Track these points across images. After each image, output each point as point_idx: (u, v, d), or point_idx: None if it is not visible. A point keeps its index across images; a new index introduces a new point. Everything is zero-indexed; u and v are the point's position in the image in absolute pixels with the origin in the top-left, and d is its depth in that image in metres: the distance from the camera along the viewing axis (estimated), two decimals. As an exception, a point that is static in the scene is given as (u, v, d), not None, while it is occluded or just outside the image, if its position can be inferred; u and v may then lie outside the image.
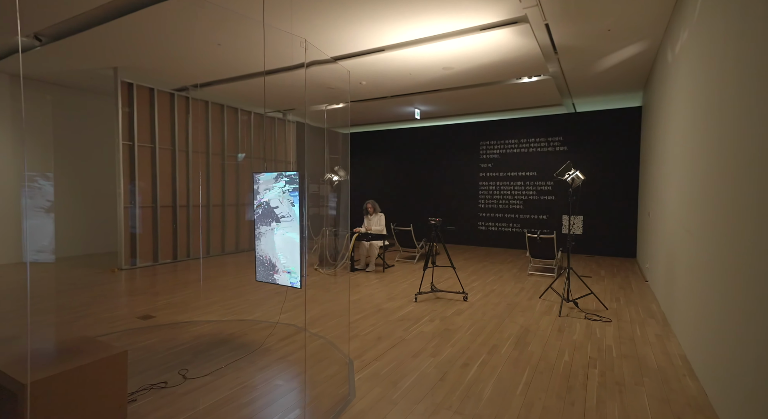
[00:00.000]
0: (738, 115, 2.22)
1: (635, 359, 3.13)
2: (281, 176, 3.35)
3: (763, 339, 1.77)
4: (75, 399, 2.03)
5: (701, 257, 2.90)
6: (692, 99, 3.37)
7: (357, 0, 4.15)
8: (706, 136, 2.90)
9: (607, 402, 2.48)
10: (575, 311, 4.35)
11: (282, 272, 3.37)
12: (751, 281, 1.93)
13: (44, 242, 6.54)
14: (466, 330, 3.77)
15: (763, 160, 1.84)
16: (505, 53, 5.71)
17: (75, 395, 2.02)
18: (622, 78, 6.98)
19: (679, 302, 3.64)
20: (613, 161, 8.31)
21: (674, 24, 4.44)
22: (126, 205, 6.47)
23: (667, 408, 2.43)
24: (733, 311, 2.18)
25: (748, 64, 2.09)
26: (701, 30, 3.16)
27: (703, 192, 2.92)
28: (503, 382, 2.73)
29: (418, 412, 2.35)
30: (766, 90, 1.83)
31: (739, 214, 2.14)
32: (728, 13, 2.47)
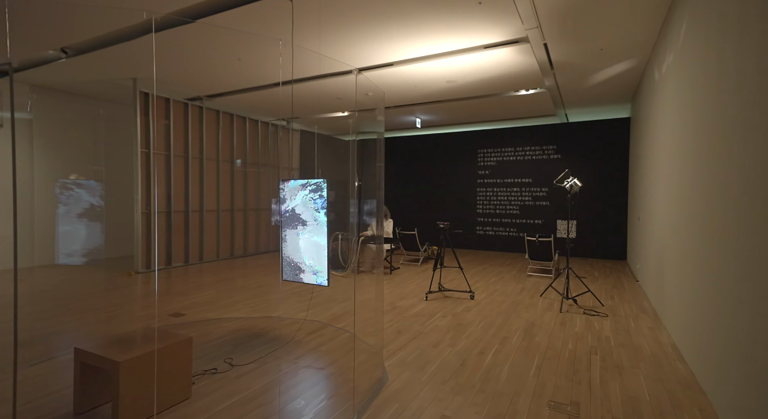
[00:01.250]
0: (720, 129, 2.62)
1: (631, 347, 3.50)
2: (308, 184, 3.68)
3: (742, 327, 2.14)
4: (155, 375, 2.32)
5: (688, 257, 3.29)
6: (679, 114, 3.78)
7: (373, 21, 4.51)
8: (692, 147, 3.31)
9: (609, 382, 2.84)
10: (574, 307, 4.73)
11: (308, 273, 3.70)
12: (733, 277, 2.31)
13: (75, 246, 6.74)
14: (477, 324, 4.11)
15: (742, 168, 2.23)
16: (506, 68, 6.13)
17: (151, 372, 2.31)
18: (611, 91, 7.46)
19: (668, 298, 4.04)
20: (603, 169, 8.78)
21: (660, 45, 4.89)
22: (143, 210, 6.71)
23: (661, 385, 2.79)
24: (717, 304, 2.56)
25: (727, 83, 2.49)
26: (686, 54, 3.58)
27: (689, 197, 3.32)
28: (517, 367, 3.08)
29: (446, 390, 2.68)
30: (743, 106, 2.23)
31: (721, 218, 2.53)
32: (709, 40, 2.88)
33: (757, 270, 1.95)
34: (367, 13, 4.30)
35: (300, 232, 3.75)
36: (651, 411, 2.45)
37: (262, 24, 4.57)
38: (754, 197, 2.00)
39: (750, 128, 2.08)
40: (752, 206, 2.02)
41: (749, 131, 2.09)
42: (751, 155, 2.06)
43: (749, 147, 2.09)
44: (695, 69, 3.23)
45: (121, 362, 2.16)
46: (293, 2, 4.02)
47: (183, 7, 4.24)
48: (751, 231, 2.02)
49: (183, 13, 4.38)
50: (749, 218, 2.06)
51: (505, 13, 4.31)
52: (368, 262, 6.99)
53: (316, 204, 3.68)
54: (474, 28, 4.71)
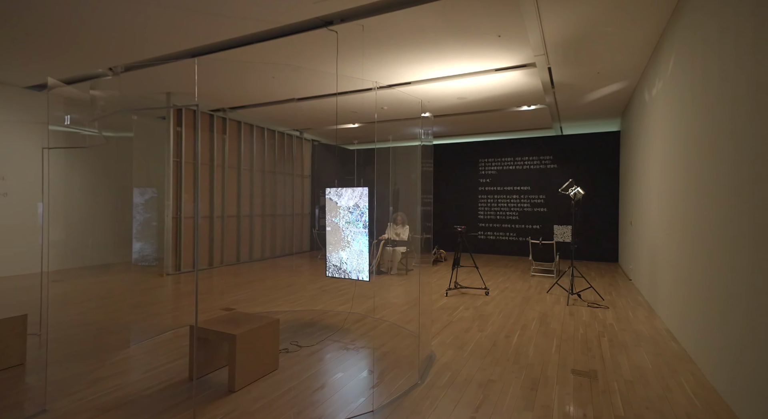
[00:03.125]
0: (706, 145, 3.26)
1: (632, 331, 4.11)
2: (351, 191, 4.24)
3: (725, 311, 2.76)
4: (255, 348, 2.82)
5: (679, 255, 3.92)
6: (670, 132, 4.45)
7: (408, 47, 5.10)
8: (681, 161, 3.96)
9: (617, 356, 3.43)
10: (579, 301, 5.34)
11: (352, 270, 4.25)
12: (717, 272, 2.93)
13: (109, 249, 7.13)
14: (497, 315, 4.69)
15: (725, 179, 2.86)
16: (512, 88, 6.79)
17: (255, 345, 2.82)
18: (603, 108, 8.20)
19: (661, 292, 4.67)
20: (595, 177, 9.51)
21: (650, 71, 5.59)
22: (174, 215, 7.14)
23: (660, 358, 3.39)
24: (704, 293, 3.18)
25: (711, 108, 3.13)
26: (674, 81, 4.25)
27: (681, 203, 3.97)
28: (540, 346, 3.65)
29: (486, 363, 3.24)
30: (724, 127, 2.86)
31: (709, 220, 3.16)
32: (695, 71, 3.54)
33: (738, 264, 2.57)
34: (404, 41, 4.90)
35: (344, 234, 4.30)
36: (654, 375, 3.04)
37: (305, 46, 5.12)
38: (736, 201, 2.62)
39: (730, 145, 2.72)
40: (734, 210, 2.65)
41: (730, 147, 2.72)
42: (732, 169, 2.69)
43: (730, 162, 2.72)
44: (683, 94, 3.89)
45: (237, 334, 2.66)
46: (338, 33, 4.60)
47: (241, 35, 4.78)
48: (733, 231, 2.64)
49: (238, 40, 4.92)
50: (732, 219, 2.68)
51: (518, 43, 4.96)
52: (386, 264, 7.52)
53: (356, 212, 4.24)
54: (490, 55, 5.35)
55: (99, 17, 4.37)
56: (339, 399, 2.62)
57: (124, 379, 2.88)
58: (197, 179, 7.17)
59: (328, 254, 4.35)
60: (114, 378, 2.89)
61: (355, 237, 4.16)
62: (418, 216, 5.72)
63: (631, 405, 2.57)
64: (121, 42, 5.00)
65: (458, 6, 4.03)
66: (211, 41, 4.99)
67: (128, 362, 3.20)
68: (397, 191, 7.80)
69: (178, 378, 2.89)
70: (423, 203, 7.85)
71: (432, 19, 4.33)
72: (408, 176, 8.84)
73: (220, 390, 2.72)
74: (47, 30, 4.69)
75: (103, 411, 2.44)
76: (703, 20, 3.32)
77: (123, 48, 5.19)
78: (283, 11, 4.20)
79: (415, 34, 4.68)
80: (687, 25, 3.76)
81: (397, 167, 9.26)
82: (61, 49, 5.26)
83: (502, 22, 4.39)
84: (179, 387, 2.76)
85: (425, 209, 9.15)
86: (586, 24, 4.51)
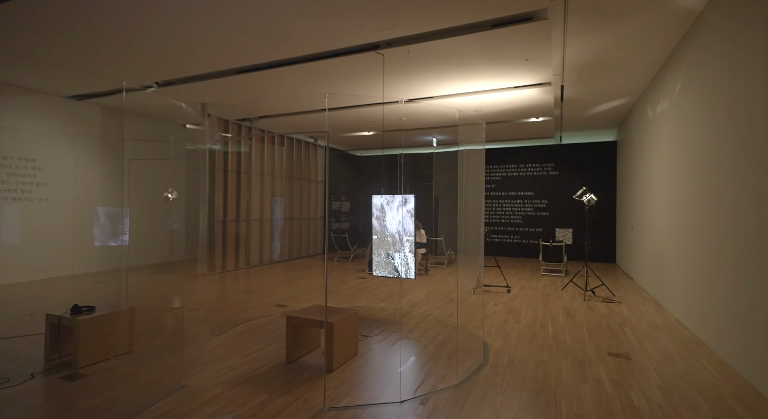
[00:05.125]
0: (711, 158, 3.85)
1: (648, 322, 4.69)
2: (396, 197, 4.73)
3: (730, 301, 3.33)
4: (344, 335, 3.27)
5: (688, 254, 4.52)
6: (677, 147, 5.06)
7: (444, 67, 5.61)
8: (690, 172, 4.57)
9: (642, 342, 3.99)
10: (593, 297, 5.92)
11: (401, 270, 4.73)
12: (724, 267, 3.51)
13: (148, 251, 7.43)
14: (525, 309, 5.22)
15: (730, 189, 3.44)
16: (525, 102, 7.38)
17: (344, 332, 3.27)
18: (603, 120, 8.89)
19: (668, 287, 5.28)
20: (594, 183, 10.18)
21: (653, 90, 6.24)
22: (208, 218, 7.49)
23: (678, 343, 3.96)
24: (713, 285, 3.76)
25: (718, 128, 3.73)
26: (681, 104, 4.88)
27: (689, 209, 4.57)
28: (574, 334, 4.19)
29: (533, 348, 3.75)
30: (729, 145, 3.45)
31: (714, 221, 3.75)
32: (704, 96, 4.14)
33: (739, 262, 3.15)
34: (444, 63, 5.42)
35: (391, 236, 4.79)
36: (677, 356, 3.60)
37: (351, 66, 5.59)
38: (737, 208, 3.21)
39: (732, 162, 3.30)
40: (736, 215, 3.23)
41: (732, 164, 3.31)
42: (734, 181, 3.27)
43: (733, 176, 3.30)
44: (691, 114, 4.51)
45: (335, 322, 3.12)
46: (384, 55, 5.09)
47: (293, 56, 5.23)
48: (735, 234, 3.22)
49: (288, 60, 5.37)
50: (734, 224, 3.26)
51: (542, 65, 5.53)
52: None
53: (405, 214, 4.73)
54: (514, 75, 5.91)
55: (161, 37, 4.77)
56: (423, 376, 3.09)
57: (229, 363, 3.29)
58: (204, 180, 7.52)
59: (375, 255, 4.82)
60: (221, 362, 3.30)
61: (403, 240, 4.64)
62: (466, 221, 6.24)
63: (666, 378, 3.12)
64: (179, 58, 5.38)
65: (498, 36, 4.57)
66: (263, 61, 5.42)
67: (222, 350, 3.61)
68: (437, 197, 8.32)
69: (276, 361, 3.31)
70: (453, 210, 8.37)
71: (471, 46, 4.86)
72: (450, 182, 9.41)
73: (318, 370, 3.16)
74: (115, 49, 5.05)
75: (233, 385, 2.86)
76: (713, 52, 3.92)
77: (180, 64, 5.58)
78: (340, 37, 4.67)
79: (453, 58, 5.20)
80: (695, 56, 4.38)
81: (438, 172, 9.87)
82: (119, 65, 5.61)
83: (531, 48, 4.95)
84: (281, 367, 3.19)
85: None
86: (603, 50, 5.11)
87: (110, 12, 4.14)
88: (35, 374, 3.00)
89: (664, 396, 2.81)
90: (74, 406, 2.55)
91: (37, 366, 3.16)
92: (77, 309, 3.31)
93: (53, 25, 4.44)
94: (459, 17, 4.18)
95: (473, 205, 6.19)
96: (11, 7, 4.08)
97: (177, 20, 4.30)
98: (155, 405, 2.57)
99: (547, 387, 2.93)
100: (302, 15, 4.10)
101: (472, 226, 11.38)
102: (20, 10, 4.13)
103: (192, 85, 6.47)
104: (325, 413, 2.51)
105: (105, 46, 4.96)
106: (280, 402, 2.64)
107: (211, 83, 6.43)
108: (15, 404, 2.58)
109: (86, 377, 2.99)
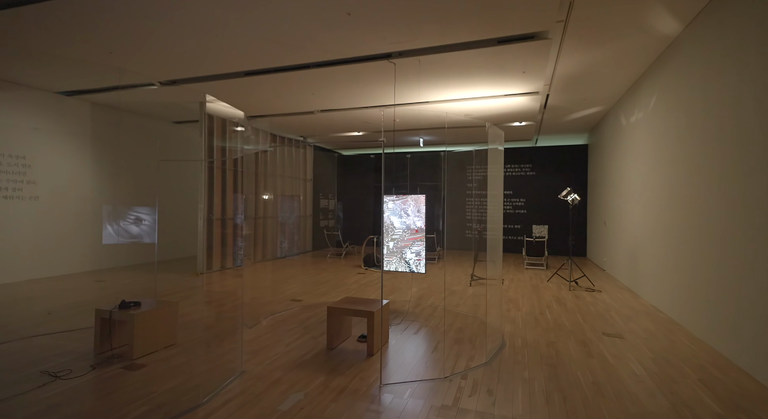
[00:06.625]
0: (683, 166, 4.49)
1: (628, 307, 5.33)
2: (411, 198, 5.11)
3: (702, 287, 3.96)
4: (384, 322, 3.62)
5: (661, 247, 5.18)
6: (652, 152, 5.73)
7: (446, 76, 6.02)
8: (664, 175, 5.22)
9: (629, 323, 4.58)
10: (577, 287, 6.55)
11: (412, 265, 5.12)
12: (694, 258, 4.14)
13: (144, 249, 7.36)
14: (521, 299, 5.75)
15: (697, 188, 4.06)
16: (512, 108, 7.94)
17: (384, 320, 3.62)
18: (577, 125, 9.65)
19: (642, 278, 5.97)
20: (567, 183, 10.96)
21: (626, 100, 6.95)
22: (207, 217, 7.55)
23: (658, 324, 4.58)
24: (684, 274, 4.40)
25: (689, 139, 4.35)
26: (656, 115, 5.54)
27: (663, 208, 5.23)
28: (570, 319, 4.73)
29: (540, 331, 4.24)
30: (698, 154, 4.07)
31: (687, 218, 4.38)
32: (679, 110, 4.79)
33: (707, 255, 3.76)
34: (450, 73, 5.83)
35: (400, 235, 5.16)
36: (659, 334, 4.20)
37: (362, 72, 5.89)
38: (706, 207, 3.82)
39: (702, 165, 3.92)
40: (704, 214, 3.84)
41: (702, 167, 3.93)
42: (702, 183, 3.89)
43: (702, 178, 3.92)
44: (664, 125, 5.16)
45: (374, 311, 3.46)
46: (395, 64, 5.44)
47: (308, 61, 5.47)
48: (703, 230, 3.84)
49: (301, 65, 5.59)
50: (703, 221, 3.88)
51: (535, 77, 6.06)
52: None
53: (416, 215, 5.12)
54: (509, 85, 6.42)
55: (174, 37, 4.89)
56: (454, 357, 3.49)
57: (275, 351, 3.56)
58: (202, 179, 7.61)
59: (386, 251, 5.18)
60: (267, 350, 3.56)
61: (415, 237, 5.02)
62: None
63: (655, 352, 3.68)
64: (191, 58, 5.49)
65: (502, 51, 5.02)
66: (278, 64, 5.62)
67: (262, 340, 3.85)
68: (444, 197, 8.72)
69: (317, 349, 3.61)
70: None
71: (476, 59, 5.29)
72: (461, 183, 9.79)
73: (358, 355, 3.49)
74: (129, 49, 5.10)
75: (289, 370, 3.14)
76: (687, 73, 4.55)
77: (191, 64, 5.67)
78: (359, 46, 4.97)
79: (459, 68, 5.62)
80: (671, 74, 5.02)
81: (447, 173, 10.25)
82: (132, 64, 5.62)
83: (529, 62, 5.45)
84: (324, 354, 3.50)
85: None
86: (589, 65, 5.70)
87: (126, 14, 4.24)
88: (94, 366, 3.15)
89: (657, 366, 3.36)
90: (152, 390, 2.76)
91: (89, 359, 3.29)
92: (125, 304, 3.46)
93: (71, 25, 4.46)
94: (472, 34, 4.59)
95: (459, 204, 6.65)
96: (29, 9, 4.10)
97: (192, 22, 4.45)
98: (227, 388, 2.82)
99: (561, 362, 3.41)
100: (330, 26, 4.37)
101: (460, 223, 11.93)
102: (36, 10, 4.16)
103: (193, 85, 6.54)
104: (383, 387, 2.86)
105: (118, 45, 5.01)
106: (338, 381, 2.96)
107: (215, 84, 6.53)
108: (93, 391, 2.75)
109: (146, 366, 3.17)
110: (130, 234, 4.96)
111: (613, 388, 2.93)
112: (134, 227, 6.04)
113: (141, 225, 5.74)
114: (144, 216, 5.10)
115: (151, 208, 5.35)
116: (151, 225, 5.21)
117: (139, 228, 5.01)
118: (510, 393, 2.83)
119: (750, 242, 3.29)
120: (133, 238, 5.13)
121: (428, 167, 12.35)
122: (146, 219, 5.23)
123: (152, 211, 5.29)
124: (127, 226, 5.75)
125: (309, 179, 11.37)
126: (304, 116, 8.48)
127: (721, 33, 3.84)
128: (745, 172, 3.37)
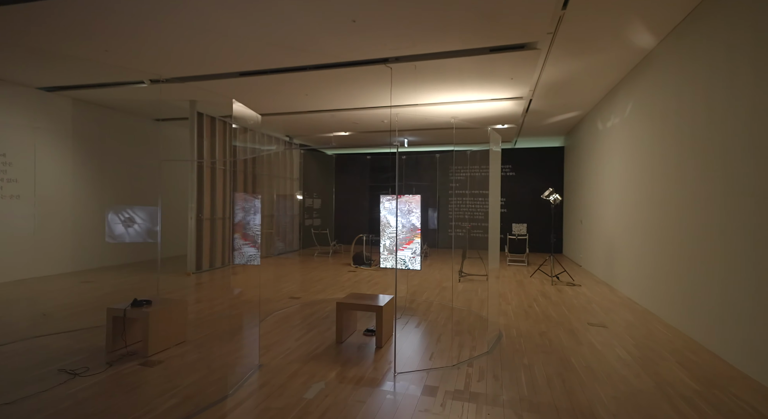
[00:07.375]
0: (659, 169, 4.89)
1: (607, 299, 5.73)
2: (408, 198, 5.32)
3: (674, 281, 4.35)
4: (386, 318, 3.81)
5: (635, 244, 5.61)
6: (628, 155, 6.16)
7: (441, 82, 6.26)
8: (640, 177, 5.64)
9: (610, 314, 4.95)
10: (558, 282, 6.94)
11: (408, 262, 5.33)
12: (667, 255, 4.54)
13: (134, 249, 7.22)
14: (509, 294, 6.06)
15: (671, 189, 4.46)
16: (497, 111, 8.29)
17: (386, 315, 3.81)
18: (555, 128, 10.13)
19: (619, 272, 6.41)
20: (544, 183, 11.47)
21: (603, 106, 7.40)
22: (197, 217, 7.52)
23: (636, 314, 4.98)
24: (658, 268, 4.80)
25: (664, 144, 4.76)
26: (632, 121, 5.97)
27: (638, 207, 5.65)
28: (559, 312, 5.07)
29: (530, 322, 4.54)
30: (674, 158, 4.47)
31: (662, 217, 4.79)
32: (653, 117, 5.20)
33: (682, 248, 4.15)
34: (444, 77, 6.06)
35: (395, 232, 5.36)
36: (638, 324, 4.58)
37: (359, 75, 6.05)
38: (678, 207, 4.22)
39: (676, 168, 4.31)
40: (678, 212, 4.24)
41: (676, 169, 4.32)
42: (676, 183, 4.29)
43: (675, 180, 4.31)
44: (640, 131, 5.59)
45: (383, 306, 3.64)
46: (392, 68, 5.63)
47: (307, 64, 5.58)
48: (677, 227, 4.24)
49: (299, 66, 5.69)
50: (677, 217, 4.28)
51: (522, 84, 6.38)
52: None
53: (413, 214, 5.34)
54: (496, 90, 6.73)
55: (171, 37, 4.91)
56: (457, 347, 3.73)
57: (286, 345, 3.69)
58: (192, 178, 7.60)
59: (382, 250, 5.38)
60: (278, 345, 3.68)
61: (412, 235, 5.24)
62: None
63: (636, 339, 4.04)
64: (189, 58, 5.50)
65: (493, 59, 5.30)
66: (276, 66, 5.70)
67: (271, 336, 3.96)
68: (438, 198, 8.96)
69: (327, 343, 3.77)
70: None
71: (468, 65, 5.55)
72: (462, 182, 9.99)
73: (368, 347, 3.67)
74: (126, 48, 5.07)
75: (304, 362, 3.29)
76: (662, 82, 4.96)
77: (189, 64, 5.67)
78: (358, 51, 5.12)
79: (451, 73, 5.87)
80: (646, 83, 5.44)
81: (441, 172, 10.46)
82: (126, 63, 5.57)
83: (518, 70, 5.76)
84: (335, 347, 3.66)
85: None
86: (571, 73, 6.07)
87: (126, 14, 4.25)
88: (111, 363, 3.20)
89: (639, 351, 3.70)
90: (176, 384, 2.85)
91: (102, 357, 3.33)
92: (137, 303, 3.51)
93: (71, 24, 4.42)
94: (468, 42, 4.83)
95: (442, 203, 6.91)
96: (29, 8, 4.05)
97: (192, 22, 4.50)
98: (249, 380, 2.94)
99: (555, 350, 3.70)
100: (334, 31, 4.52)
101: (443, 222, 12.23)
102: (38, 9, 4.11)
103: (184, 85, 6.52)
104: (398, 376, 3.05)
105: (116, 45, 4.97)
106: (354, 371, 3.13)
107: (207, 84, 6.53)
108: (118, 386, 2.81)
109: (162, 363, 3.24)
110: (130, 234, 4.93)
111: (603, 371, 3.23)
112: (134, 227, 5.98)
113: (137, 225, 5.69)
114: (142, 216, 5.07)
115: (152, 207, 5.31)
116: (149, 225, 5.17)
117: (139, 228, 4.98)
118: (514, 377, 3.08)
119: (715, 239, 3.68)
120: (134, 238, 5.10)
121: (414, 168, 12.61)
122: (145, 219, 5.19)
123: (152, 211, 5.26)
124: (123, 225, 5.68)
125: (295, 178, 11.40)
126: (292, 115, 8.54)
127: (693, 46, 4.23)
128: (713, 174, 3.76)
